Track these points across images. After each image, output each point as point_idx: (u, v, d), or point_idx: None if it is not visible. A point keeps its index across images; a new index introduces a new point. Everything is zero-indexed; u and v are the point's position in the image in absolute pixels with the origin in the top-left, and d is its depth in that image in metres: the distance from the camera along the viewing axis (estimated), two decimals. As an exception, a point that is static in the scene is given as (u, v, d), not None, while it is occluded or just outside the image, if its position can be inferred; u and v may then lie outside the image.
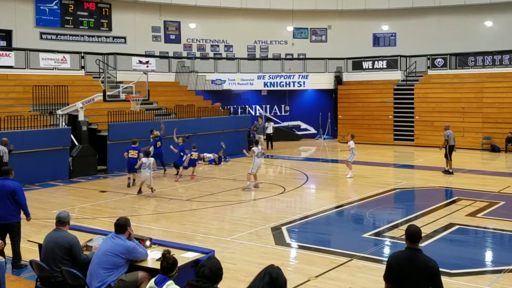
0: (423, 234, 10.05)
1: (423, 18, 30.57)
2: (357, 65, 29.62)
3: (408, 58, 28.67)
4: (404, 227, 10.61)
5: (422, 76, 27.96)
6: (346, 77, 29.68)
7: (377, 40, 32.18)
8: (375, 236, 10.48)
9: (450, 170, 17.71)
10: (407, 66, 28.60)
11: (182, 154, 17.26)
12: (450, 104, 25.44)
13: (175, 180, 16.69)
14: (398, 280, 4.93)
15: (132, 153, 15.78)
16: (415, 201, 14.89)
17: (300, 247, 9.89)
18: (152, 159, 14.20)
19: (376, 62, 29.08)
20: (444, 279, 7.77)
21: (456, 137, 24.84)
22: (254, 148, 15.57)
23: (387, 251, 9.47)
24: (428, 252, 5.08)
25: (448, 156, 17.84)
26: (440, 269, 4.68)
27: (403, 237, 5.16)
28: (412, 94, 26.93)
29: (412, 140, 26.24)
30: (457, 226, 11.04)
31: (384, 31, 32.13)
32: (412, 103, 26.76)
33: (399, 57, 28.66)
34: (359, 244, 9.89)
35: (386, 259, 5.24)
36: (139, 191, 14.50)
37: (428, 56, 28.11)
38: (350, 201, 13.75)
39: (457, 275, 8.15)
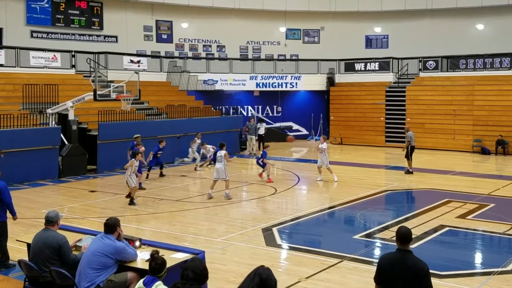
0: (413, 236, 10.13)
1: (416, 20, 30.72)
2: (349, 66, 29.71)
3: (400, 60, 28.80)
4: (395, 228, 10.60)
5: (413, 78, 28.08)
6: (339, 78, 29.74)
7: (369, 42, 32.28)
8: (366, 237, 10.50)
9: (410, 170, 18.17)
10: (399, 68, 28.72)
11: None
12: (441, 106, 25.58)
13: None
14: (388, 282, 4.93)
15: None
16: (406, 202, 14.94)
17: (291, 248, 9.87)
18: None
19: (368, 64, 29.19)
20: (434, 280, 7.76)
21: (447, 139, 25.17)
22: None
23: (377, 252, 9.48)
24: (418, 254, 5.08)
25: (409, 157, 18.23)
26: (430, 271, 4.70)
27: (394, 238, 5.16)
28: (404, 96, 27.04)
29: (404, 142, 26.26)
30: (447, 228, 11.07)
31: (376, 33, 32.25)
32: (404, 105, 26.87)
33: (391, 59, 28.78)
34: (349, 245, 9.89)
35: (377, 260, 5.25)
36: (131, 200, 13.27)
37: (420, 59, 28.24)
38: (341, 203, 13.74)
39: (447, 277, 8.17)
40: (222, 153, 14.04)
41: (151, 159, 17.00)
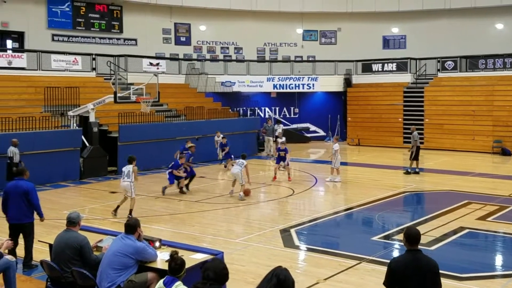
0: (432, 238, 10.10)
1: (433, 20, 30.45)
2: (366, 67, 29.59)
3: (418, 60, 28.58)
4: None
5: (432, 79, 27.84)
6: (356, 79, 29.64)
7: (386, 43, 32.10)
8: (384, 239, 10.46)
9: (417, 170, 18.22)
10: (417, 69, 28.51)
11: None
12: (460, 107, 25.32)
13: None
14: (401, 284, 4.91)
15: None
16: (425, 204, 14.82)
17: (309, 250, 9.89)
18: (130, 167, 11.89)
19: (385, 65, 29.03)
20: (454, 283, 7.81)
21: (466, 140, 24.90)
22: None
23: (396, 254, 9.40)
24: (437, 256, 5.09)
25: (416, 157, 18.23)
26: (450, 273, 4.70)
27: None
28: (422, 97, 26.83)
29: (422, 143, 26.06)
30: (467, 230, 10.98)
31: (394, 33, 32.05)
32: (422, 106, 26.66)
33: (409, 59, 28.58)
34: (368, 247, 9.86)
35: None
36: (115, 209, 12.16)
37: (438, 59, 28.00)
38: (359, 204, 13.69)
39: (467, 279, 8.11)
40: (244, 161, 14.62)
41: (175, 160, 17.11)
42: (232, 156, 19.25)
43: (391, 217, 12.64)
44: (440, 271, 4.83)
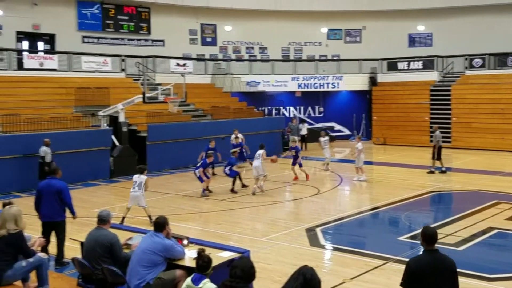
0: (461, 238, 10.02)
1: (461, 17, 29.96)
2: (392, 66, 29.32)
3: (444, 58, 28.19)
4: (442, 230, 10.57)
5: (459, 76, 27.43)
6: (381, 78, 29.40)
7: (412, 41, 31.74)
8: (411, 239, 10.39)
9: (444, 169, 18.03)
10: (444, 67, 28.12)
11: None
12: (489, 105, 24.87)
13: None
14: (421, 284, 4.89)
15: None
16: (452, 204, 14.66)
17: (335, 249, 9.90)
18: (144, 177, 11.41)
19: (411, 63, 28.71)
20: (482, 283, 7.76)
21: (496, 139, 24.43)
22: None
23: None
24: (466, 256, 5.09)
25: (437, 156, 18.06)
26: (479, 274, 4.67)
27: (441, 240, 5.16)
28: (449, 95, 26.46)
29: (449, 142, 25.73)
30: (496, 230, 10.83)
31: (420, 31, 31.67)
32: (449, 105, 26.28)
33: (435, 57, 28.22)
34: (394, 247, 9.82)
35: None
36: (122, 221, 11.39)
37: (466, 56, 27.57)
38: (385, 204, 13.61)
39: (495, 280, 8.01)
40: (260, 151, 15.02)
41: (203, 159, 17.26)
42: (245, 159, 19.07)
43: (418, 217, 12.54)
44: (469, 272, 4.82)
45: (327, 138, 19.60)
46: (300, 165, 17.10)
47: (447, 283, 4.88)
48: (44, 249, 7.88)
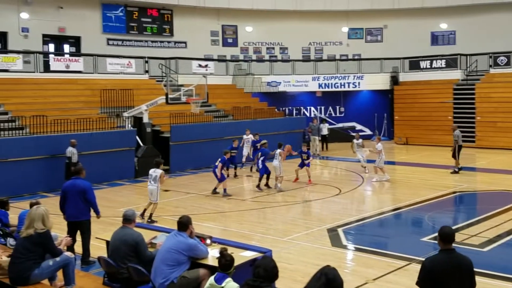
0: (485, 239, 9.91)
1: (484, 14, 29.50)
2: (414, 64, 29.02)
3: (468, 56, 27.80)
4: (467, 231, 10.49)
5: (483, 75, 27.03)
6: (403, 77, 29.14)
7: (435, 39, 31.39)
8: (435, 240, 10.25)
9: (457, 170, 17.77)
10: (468, 65, 27.73)
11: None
12: (514, 104, 24.46)
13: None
14: (438, 283, 4.89)
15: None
16: (477, 204, 14.49)
17: (357, 249, 9.88)
18: (159, 171, 11.76)
19: (434, 62, 28.37)
20: (507, 284, 7.67)
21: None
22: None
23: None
24: (490, 257, 5.08)
25: (456, 156, 17.83)
26: (504, 275, 4.66)
27: (466, 241, 5.15)
28: (473, 94, 26.09)
29: (474, 141, 25.38)
30: (521, 231, 10.69)
31: (442, 29, 31.30)
32: (473, 103, 25.92)
33: (459, 55, 27.84)
34: (418, 247, 9.74)
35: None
36: (142, 213, 12.04)
37: (490, 54, 27.12)
38: (408, 204, 13.52)
39: (521, 281, 7.94)
40: (278, 151, 15.31)
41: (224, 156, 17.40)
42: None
43: (441, 217, 12.43)
44: (494, 273, 4.81)
45: (360, 140, 19.28)
46: (308, 165, 16.84)
47: (464, 282, 4.88)
48: (70, 248, 7.98)
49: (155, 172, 11.78)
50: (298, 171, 16.83)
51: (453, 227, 10.98)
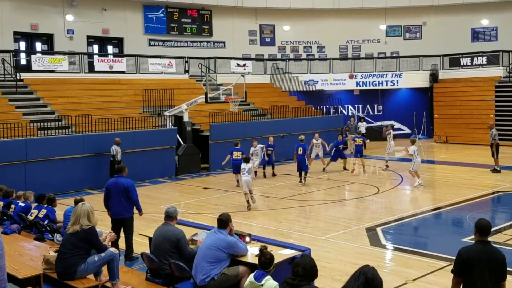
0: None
1: (528, 10, 28.65)
2: (454, 62, 28.41)
3: (510, 53, 27.02)
4: (509, 232, 10.29)
5: (527, 72, 26.27)
6: (442, 74, 28.59)
7: (476, 35, 30.64)
8: (473, 240, 10.15)
9: (498, 168, 17.29)
10: (510, 62, 26.97)
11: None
12: (560, 101, 23.67)
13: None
14: (470, 273, 5.04)
15: (237, 155, 15.98)
16: (520, 205, 14.15)
17: (396, 249, 9.81)
18: (250, 165, 13.34)
19: (475, 59, 27.70)
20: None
21: None
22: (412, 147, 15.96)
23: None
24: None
25: (495, 155, 17.39)
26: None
27: (509, 242, 5.20)
28: (516, 91, 25.39)
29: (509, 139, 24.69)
30: None
31: (483, 25, 30.52)
32: (517, 101, 25.23)
33: (501, 52, 27.07)
34: (458, 248, 9.55)
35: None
36: (248, 205, 13.09)
37: (534, 51, 26.34)
38: (448, 204, 13.33)
39: None
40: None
41: (262, 158, 17.62)
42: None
43: (483, 217, 12.17)
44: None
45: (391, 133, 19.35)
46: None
47: (495, 274, 5.01)
48: (115, 244, 8.09)
49: (247, 166, 13.12)
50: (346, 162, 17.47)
51: (495, 228, 10.88)
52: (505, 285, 5.11)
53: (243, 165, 13.20)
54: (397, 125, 30.14)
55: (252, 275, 5.59)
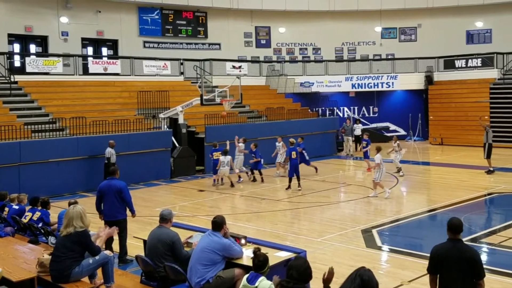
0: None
1: (522, 12, 28.76)
2: (449, 64, 28.50)
3: (505, 55, 27.14)
4: (504, 233, 10.31)
5: (521, 74, 26.36)
6: (437, 76, 28.67)
7: (470, 38, 30.76)
8: (471, 242, 10.15)
9: (491, 169, 17.41)
10: (504, 64, 27.08)
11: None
12: (554, 103, 23.77)
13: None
14: (441, 270, 5.14)
15: (217, 155, 16.42)
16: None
17: (392, 251, 9.83)
18: (229, 157, 15.45)
19: (470, 61, 27.80)
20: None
21: None
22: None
23: (484, 258, 9.15)
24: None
25: (488, 155, 17.51)
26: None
27: (503, 243, 5.21)
28: (511, 93, 25.46)
29: (511, 141, 24.81)
30: (561, 234, 10.45)
31: (478, 27, 30.64)
32: (511, 103, 25.30)
33: (495, 54, 27.19)
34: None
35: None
36: (231, 185, 15.92)
37: (528, 53, 26.44)
38: (443, 205, 13.35)
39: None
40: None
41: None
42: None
43: (478, 219, 12.24)
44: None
45: (397, 144, 18.81)
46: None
47: (466, 271, 5.06)
48: (109, 246, 8.12)
49: (225, 158, 15.26)
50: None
51: (491, 229, 10.92)
52: (483, 284, 5.12)
53: (221, 158, 15.07)
54: (393, 127, 30.23)
55: (245, 277, 5.57)
